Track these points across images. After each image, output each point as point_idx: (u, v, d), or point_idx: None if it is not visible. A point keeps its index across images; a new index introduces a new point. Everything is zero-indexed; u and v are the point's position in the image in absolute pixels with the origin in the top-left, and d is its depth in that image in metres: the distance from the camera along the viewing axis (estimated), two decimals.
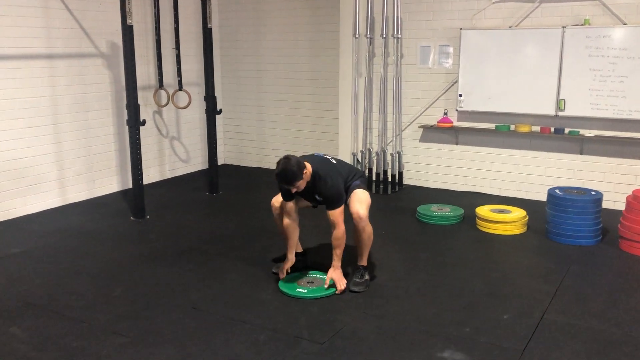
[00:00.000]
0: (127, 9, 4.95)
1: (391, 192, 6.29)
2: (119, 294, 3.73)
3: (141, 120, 5.20)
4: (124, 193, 6.24)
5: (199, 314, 3.43)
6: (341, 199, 3.64)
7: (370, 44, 6.27)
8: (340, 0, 6.34)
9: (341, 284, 3.66)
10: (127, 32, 5.01)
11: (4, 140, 5.17)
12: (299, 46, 7.00)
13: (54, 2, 5.48)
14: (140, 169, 5.30)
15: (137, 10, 6.12)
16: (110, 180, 6.26)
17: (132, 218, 5.36)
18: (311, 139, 7.15)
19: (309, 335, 3.18)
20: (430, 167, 6.43)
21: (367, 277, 3.83)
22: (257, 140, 7.61)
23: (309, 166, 3.54)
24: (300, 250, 4.09)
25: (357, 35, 6.22)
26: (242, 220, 5.33)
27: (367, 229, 3.75)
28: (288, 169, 3.41)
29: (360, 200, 3.71)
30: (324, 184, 3.57)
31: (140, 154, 5.29)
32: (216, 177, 6.28)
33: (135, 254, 4.46)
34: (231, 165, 7.82)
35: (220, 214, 5.57)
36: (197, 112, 7.11)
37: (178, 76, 6.30)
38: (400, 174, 6.40)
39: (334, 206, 3.60)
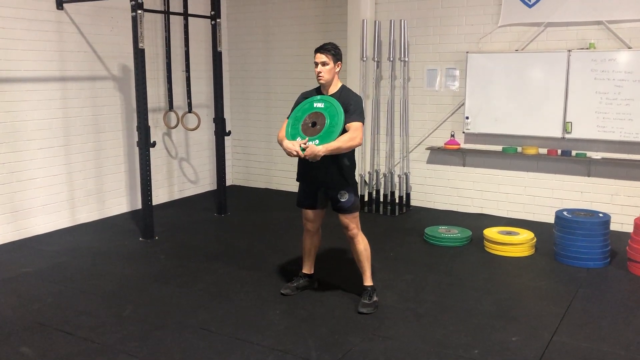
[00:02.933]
0: (139, 33, 5.06)
1: (398, 213, 6.32)
2: (128, 313, 3.75)
3: (151, 142, 5.27)
4: (133, 213, 6.29)
5: (208, 335, 3.44)
6: (363, 115, 3.61)
7: (377, 67, 6.36)
8: (348, 24, 6.45)
9: (310, 151, 3.42)
10: (139, 55, 5.11)
11: (18, 162, 5.25)
12: (307, 69, 7.08)
13: (68, 26, 5.61)
14: (150, 190, 5.36)
15: (148, 34, 6.24)
16: (119, 201, 6.32)
17: (141, 238, 5.40)
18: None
19: (317, 356, 3.19)
20: (438, 188, 6.46)
21: (375, 298, 3.81)
22: (265, 162, 7.66)
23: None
24: (310, 272, 4.12)
25: (365, 59, 6.31)
26: (250, 240, 5.37)
27: (363, 242, 3.80)
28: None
29: (352, 215, 3.73)
30: (353, 93, 3.65)
31: (150, 175, 5.35)
32: (224, 198, 6.34)
33: (145, 273, 4.50)
34: (239, 186, 7.87)
35: (228, 235, 5.61)
36: (205, 134, 7.19)
37: (188, 98, 6.40)
38: (408, 195, 6.43)
39: (357, 117, 3.52)
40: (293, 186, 7.25)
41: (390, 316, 3.72)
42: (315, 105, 3.59)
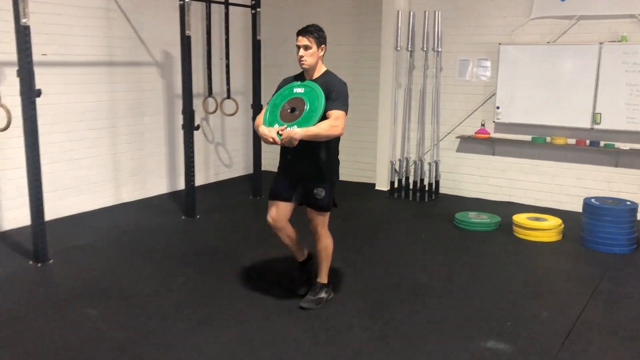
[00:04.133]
0: (186, 21, 5.31)
1: (428, 200, 6.51)
2: (179, 284, 4.02)
3: (195, 125, 5.53)
4: (172, 194, 6.58)
5: (257, 302, 3.69)
6: (347, 103, 3.37)
7: (410, 56, 6.54)
8: (382, 14, 6.63)
9: (287, 134, 3.17)
10: (185, 42, 5.36)
11: (69, 141, 5.55)
12: (340, 58, 7.28)
13: (117, 13, 5.87)
14: (193, 171, 5.63)
15: (192, 20, 6.48)
16: (160, 182, 6.60)
17: (183, 217, 5.68)
18: (349, 147, 7.40)
19: (360, 323, 3.42)
20: (467, 176, 6.63)
21: (322, 295, 3.65)
22: None
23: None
24: (303, 258, 3.86)
25: (399, 48, 6.49)
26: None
27: (325, 241, 3.61)
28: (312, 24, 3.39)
29: (322, 214, 3.54)
30: (337, 79, 3.41)
31: (193, 157, 5.61)
32: (260, 182, 6.58)
33: (190, 248, 4.77)
34: (270, 171, 8.10)
35: (264, 215, 5.84)
36: (240, 120, 7.44)
37: (227, 85, 6.64)
38: (437, 182, 6.62)
39: (340, 105, 3.29)
40: None
41: (425, 293, 3.93)
42: (295, 90, 3.37)
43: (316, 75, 3.43)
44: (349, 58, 7.22)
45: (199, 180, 7.10)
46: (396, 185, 6.72)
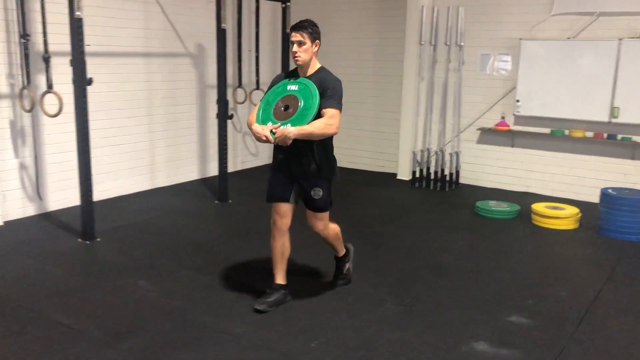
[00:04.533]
0: (222, 15, 5.58)
1: (448, 189, 6.75)
2: (222, 260, 4.31)
3: (229, 114, 5.81)
4: (202, 180, 6.88)
5: (293, 276, 3.97)
6: (341, 102, 3.29)
7: (433, 50, 6.77)
8: (407, 9, 6.86)
9: (281, 133, 3.09)
10: (221, 35, 5.64)
11: (110, 128, 5.85)
12: (364, 52, 7.53)
13: (154, 6, 6.16)
14: (226, 158, 5.92)
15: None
16: (191, 169, 6.91)
17: (216, 201, 5.98)
18: (371, 138, 7.66)
19: (390, 299, 3.69)
20: (486, 167, 6.86)
21: (348, 265, 3.80)
22: None
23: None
24: (284, 281, 3.59)
25: (423, 43, 6.72)
26: (302, 206, 5.89)
27: (332, 231, 3.63)
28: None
29: (322, 214, 3.52)
30: (332, 76, 3.32)
31: (226, 145, 5.91)
32: None
33: (226, 229, 5.07)
34: None
35: None
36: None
37: (256, 76, 6.91)
38: (457, 172, 6.85)
39: (334, 103, 3.22)
40: (346, 162, 7.78)
41: (450, 273, 4.19)
42: (288, 88, 3.28)
43: (310, 72, 3.33)
44: (372, 51, 7.46)
45: (228, 167, 7.39)
46: (417, 175, 6.97)
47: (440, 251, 4.62)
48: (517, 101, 6.43)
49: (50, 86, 4.69)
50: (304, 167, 3.36)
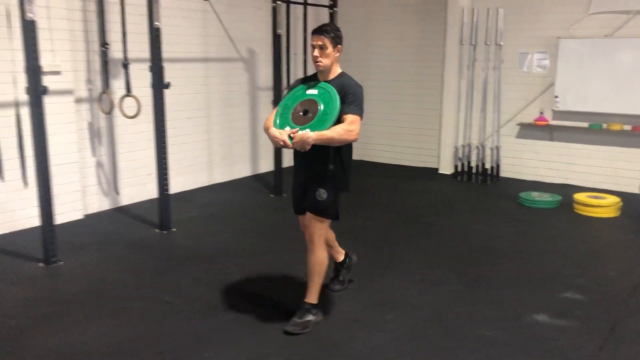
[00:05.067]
0: (278, 21, 5.98)
1: (489, 182, 7.06)
2: (294, 245, 4.70)
3: None
4: (255, 177, 7.30)
5: (362, 262, 4.35)
6: (362, 108, 3.16)
7: (473, 50, 7.09)
8: (447, 11, 7.19)
9: (300, 138, 2.95)
10: (276, 40, 6.04)
11: (173, 128, 6.28)
12: (404, 52, 7.87)
13: (211, 14, 6.58)
14: (281, 155, 6.32)
15: (268, 21, 7.18)
16: (244, 166, 7.33)
17: (271, 195, 6.38)
18: (412, 135, 8.00)
19: (449, 279, 4.04)
20: (525, 161, 7.15)
21: (309, 317, 3.31)
22: (360, 137, 8.48)
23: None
24: (341, 257, 3.83)
25: (463, 43, 7.04)
26: (355, 198, 6.24)
27: (319, 255, 3.28)
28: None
29: (320, 219, 3.27)
30: (353, 82, 3.20)
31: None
32: None
33: (287, 220, 5.44)
34: None
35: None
36: None
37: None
38: (498, 166, 7.16)
39: (355, 109, 3.10)
40: (388, 158, 8.13)
41: (503, 256, 4.52)
42: (308, 92, 3.17)
43: (331, 77, 3.21)
44: (412, 52, 7.79)
45: (272, 166, 7.81)
46: (459, 169, 7.29)
47: (491, 237, 4.95)
48: (556, 97, 6.71)
49: (128, 90, 5.13)
50: (316, 172, 3.21)
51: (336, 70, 3.24)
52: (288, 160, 7.85)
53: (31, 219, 4.96)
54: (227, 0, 6.73)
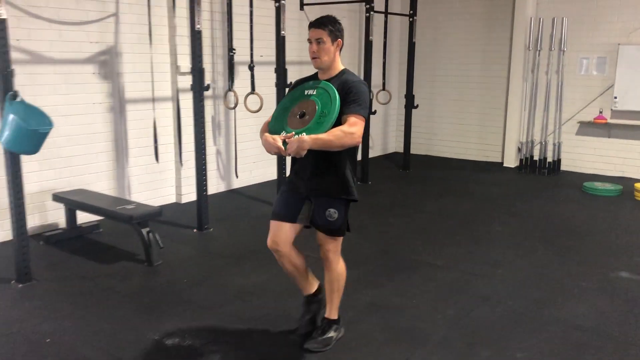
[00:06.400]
0: (370, 28, 6.82)
1: (551, 174, 7.80)
2: (393, 220, 5.54)
3: (372, 110, 7.04)
4: None
5: (457, 233, 5.15)
6: (367, 107, 2.88)
7: (538, 55, 7.83)
8: (514, 20, 7.95)
9: (293, 145, 2.65)
10: (369, 45, 6.88)
11: (252, 125, 7.16)
12: (470, 56, 8.64)
13: (305, 22, 7.44)
14: (367, 148, 7.16)
15: (353, 28, 8.03)
16: None
17: (359, 182, 7.23)
18: (476, 132, 8.76)
19: (541, 247, 4.82)
20: (584, 155, 7.87)
21: (331, 334, 3.13)
22: (426, 133, 9.29)
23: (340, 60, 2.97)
24: (312, 289, 3.25)
25: (530, 48, 7.80)
26: (431, 186, 7.05)
27: (337, 268, 3.08)
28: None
29: (335, 238, 3.00)
30: (356, 79, 2.91)
31: (368, 137, 7.13)
32: (409, 159, 8.06)
33: (378, 203, 6.30)
34: (401, 153, 9.57)
35: (414, 184, 7.33)
36: (379, 107, 8.92)
37: (383, 78, 8.14)
38: (559, 160, 7.89)
39: (358, 108, 2.79)
40: (453, 154, 8.91)
41: (580, 231, 5.27)
42: (306, 92, 2.91)
43: (332, 74, 2.93)
44: (479, 56, 8.56)
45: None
46: (524, 162, 8.04)
47: (565, 218, 5.71)
48: (615, 97, 7.42)
49: (253, 89, 6.01)
50: (318, 184, 2.92)
51: (337, 67, 2.95)
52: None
53: (170, 196, 5.93)
54: (318, 10, 7.59)
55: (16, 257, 3.88)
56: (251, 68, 5.99)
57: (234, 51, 6.04)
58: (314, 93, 2.88)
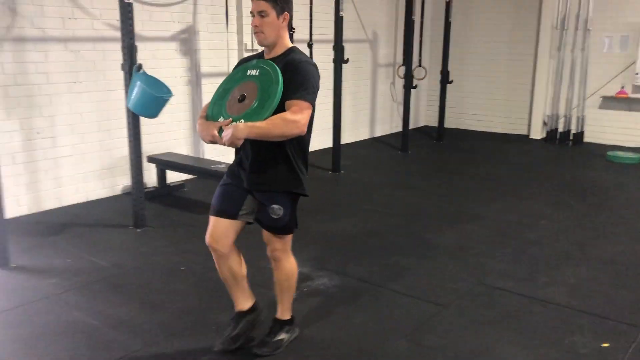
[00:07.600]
0: (413, 8, 7.41)
1: (575, 146, 8.42)
2: (440, 183, 6.20)
3: (414, 84, 7.66)
4: (373, 139, 8.80)
5: (499, 193, 5.80)
6: (314, 93, 2.53)
7: (565, 34, 8.40)
8: (542, 1, 8.51)
9: (227, 135, 2.39)
10: (410, 25, 7.48)
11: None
12: (498, 33, 9.20)
13: (348, 4, 8.02)
14: (408, 119, 7.81)
15: (391, 7, 8.63)
16: (365, 130, 8.83)
17: (399, 152, 7.88)
18: (504, 106, 9.36)
19: (572, 204, 5.48)
20: (606, 127, 8.48)
21: (281, 336, 2.87)
22: (455, 107, 9.87)
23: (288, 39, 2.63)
24: (246, 306, 2.87)
25: (557, 28, 8.37)
26: (462, 154, 7.69)
27: (287, 267, 2.80)
28: None
29: (282, 236, 2.73)
30: (304, 60, 2.58)
31: (409, 109, 7.78)
32: (443, 131, 8.70)
33: (419, 169, 6.96)
34: (431, 126, 10.20)
35: (450, 153, 7.98)
36: (424, 82, 9.52)
37: (419, 55, 8.73)
38: (582, 132, 8.51)
39: (304, 93, 2.47)
40: (481, 127, 9.53)
41: (607, 191, 5.92)
42: (248, 72, 2.60)
43: (278, 52, 2.61)
44: (506, 34, 9.12)
45: (385, 130, 9.28)
46: (548, 135, 8.66)
47: (592, 180, 6.38)
48: (637, 73, 8.01)
49: None
50: (261, 177, 2.62)
51: (285, 45, 2.62)
52: (386, 128, 9.29)
53: None
54: None
55: (134, 206, 4.57)
56: (310, 46, 6.60)
57: (293, 30, 6.65)
58: (256, 74, 2.55)
